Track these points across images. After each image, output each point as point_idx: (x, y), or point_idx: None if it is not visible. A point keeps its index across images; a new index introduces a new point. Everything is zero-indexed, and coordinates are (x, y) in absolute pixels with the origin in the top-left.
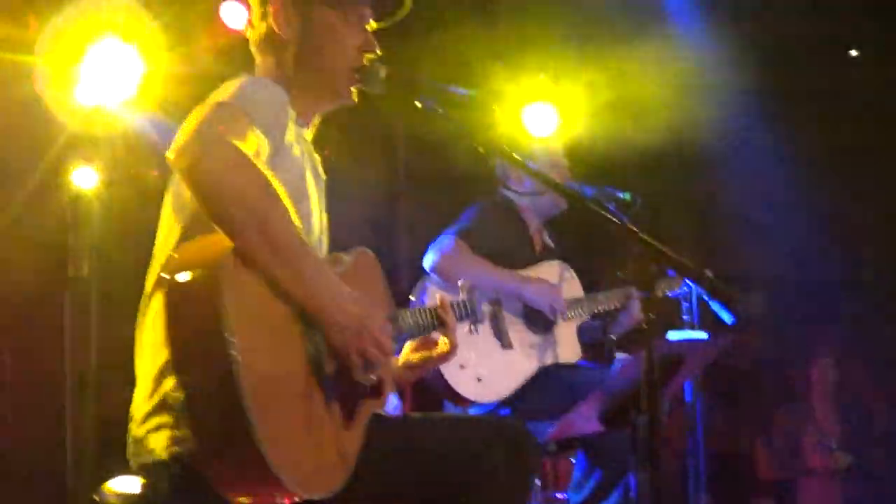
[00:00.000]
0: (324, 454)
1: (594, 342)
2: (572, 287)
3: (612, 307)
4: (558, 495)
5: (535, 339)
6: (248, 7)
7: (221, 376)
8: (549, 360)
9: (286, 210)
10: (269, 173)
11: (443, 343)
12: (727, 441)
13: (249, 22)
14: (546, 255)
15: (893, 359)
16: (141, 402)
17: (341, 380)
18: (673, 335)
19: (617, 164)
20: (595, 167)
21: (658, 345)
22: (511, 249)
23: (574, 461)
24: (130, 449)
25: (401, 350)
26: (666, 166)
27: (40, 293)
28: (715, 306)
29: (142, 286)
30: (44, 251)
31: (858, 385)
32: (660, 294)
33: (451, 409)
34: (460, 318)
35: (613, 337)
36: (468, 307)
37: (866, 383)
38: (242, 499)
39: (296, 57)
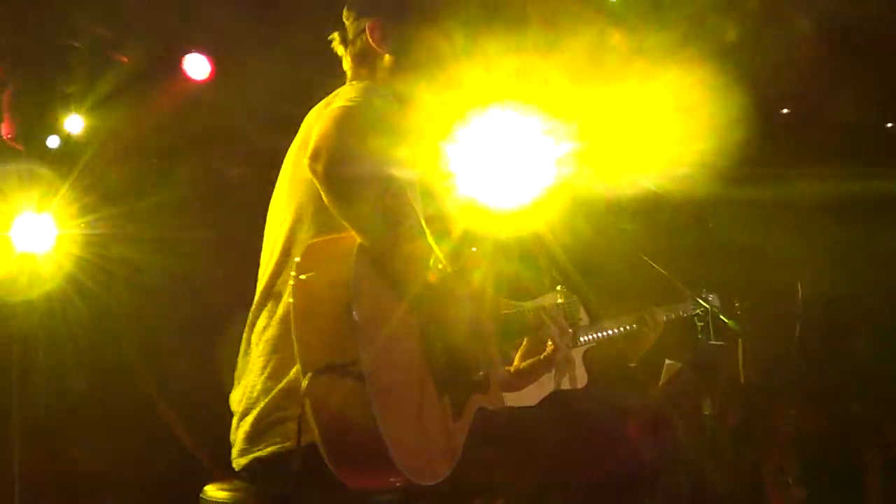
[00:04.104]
0: (435, 443)
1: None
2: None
3: (624, 330)
4: None
5: None
6: (344, 27)
7: (349, 366)
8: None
9: (415, 212)
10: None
11: (549, 346)
12: None
13: (344, 41)
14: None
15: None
16: (256, 397)
17: (452, 373)
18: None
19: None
20: None
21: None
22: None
23: None
24: (240, 445)
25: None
26: None
27: None
28: (724, 319)
29: None
30: None
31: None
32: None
33: None
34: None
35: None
36: (569, 311)
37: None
38: (359, 482)
39: (390, 70)
